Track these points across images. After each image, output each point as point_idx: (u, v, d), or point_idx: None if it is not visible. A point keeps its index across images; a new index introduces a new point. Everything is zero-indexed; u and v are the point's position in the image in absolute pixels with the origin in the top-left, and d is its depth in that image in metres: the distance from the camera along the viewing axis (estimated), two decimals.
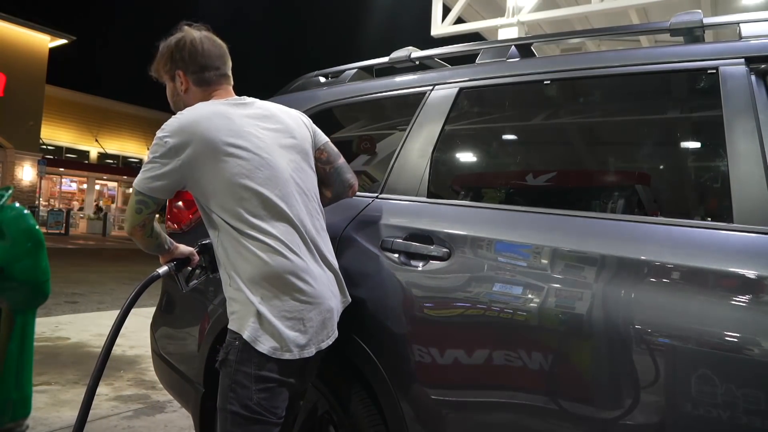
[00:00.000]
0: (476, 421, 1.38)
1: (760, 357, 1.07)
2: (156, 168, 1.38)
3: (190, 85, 1.54)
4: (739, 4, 6.43)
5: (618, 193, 1.58)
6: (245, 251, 1.35)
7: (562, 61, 1.64)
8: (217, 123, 1.39)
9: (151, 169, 1.38)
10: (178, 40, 1.53)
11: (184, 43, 1.52)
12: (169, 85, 1.57)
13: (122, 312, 1.53)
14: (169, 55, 1.53)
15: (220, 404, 1.35)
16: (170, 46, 1.53)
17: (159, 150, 1.37)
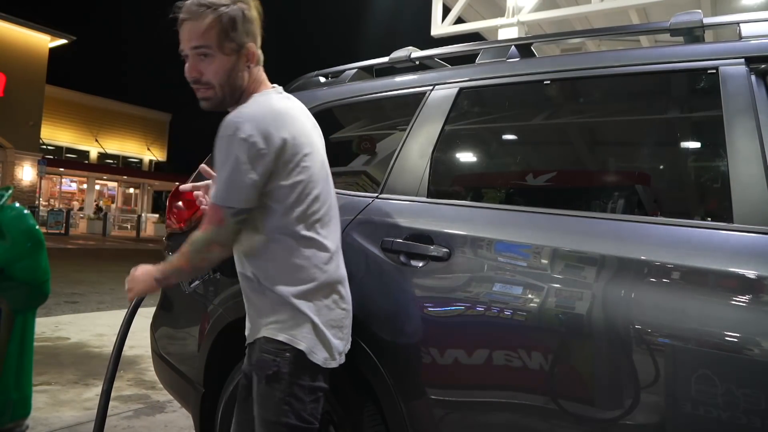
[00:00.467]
0: (476, 421, 1.38)
1: (760, 357, 1.07)
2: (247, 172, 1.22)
3: (254, 64, 1.35)
4: (739, 4, 6.43)
5: (618, 193, 1.58)
6: (302, 261, 1.30)
7: (562, 61, 1.64)
8: (297, 123, 1.31)
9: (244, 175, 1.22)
10: (244, 8, 1.31)
11: (251, 12, 1.33)
12: (223, 60, 1.29)
13: (128, 315, 1.54)
14: (242, 23, 1.30)
15: (272, 417, 1.28)
16: (237, 12, 1.29)
17: (249, 152, 1.21)
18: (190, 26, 1.28)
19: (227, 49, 1.29)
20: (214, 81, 1.30)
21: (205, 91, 1.31)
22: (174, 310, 2.20)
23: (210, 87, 1.30)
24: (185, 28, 1.30)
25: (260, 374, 1.30)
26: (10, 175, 21.42)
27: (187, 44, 1.30)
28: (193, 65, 1.30)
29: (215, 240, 1.28)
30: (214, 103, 1.32)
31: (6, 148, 21.43)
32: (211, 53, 1.28)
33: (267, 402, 1.29)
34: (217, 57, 1.29)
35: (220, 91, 1.31)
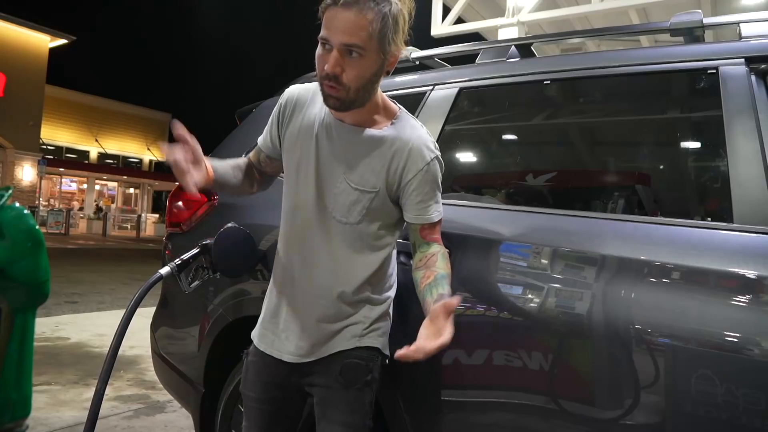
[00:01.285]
0: (476, 421, 1.38)
1: (760, 357, 1.07)
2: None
3: (392, 70, 1.26)
4: (739, 4, 6.43)
5: (618, 193, 1.58)
6: (393, 266, 1.39)
7: (562, 61, 1.64)
8: None
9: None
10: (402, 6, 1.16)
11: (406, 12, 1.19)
12: (371, 62, 1.15)
13: (126, 315, 1.53)
14: (402, 24, 1.17)
15: (359, 421, 1.29)
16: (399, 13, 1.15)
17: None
18: (349, 17, 1.10)
19: (380, 52, 1.15)
20: (353, 84, 1.15)
21: (337, 90, 1.15)
22: (174, 310, 2.20)
23: (345, 89, 1.15)
24: (341, 16, 1.10)
25: (353, 381, 1.29)
26: (10, 175, 21.43)
27: (339, 36, 1.11)
28: (338, 61, 1.13)
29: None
30: (343, 103, 1.18)
31: (6, 148, 21.43)
32: (363, 54, 1.13)
33: (356, 406, 1.29)
34: (367, 58, 1.14)
35: (354, 95, 1.17)
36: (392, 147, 1.24)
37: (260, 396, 1.37)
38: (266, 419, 1.38)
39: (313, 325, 1.31)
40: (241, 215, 1.76)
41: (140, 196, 32.48)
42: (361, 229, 1.27)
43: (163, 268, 1.61)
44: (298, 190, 1.30)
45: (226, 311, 1.83)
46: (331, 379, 1.29)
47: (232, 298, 1.82)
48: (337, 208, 1.26)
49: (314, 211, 1.28)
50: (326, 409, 1.31)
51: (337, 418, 1.28)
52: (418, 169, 1.23)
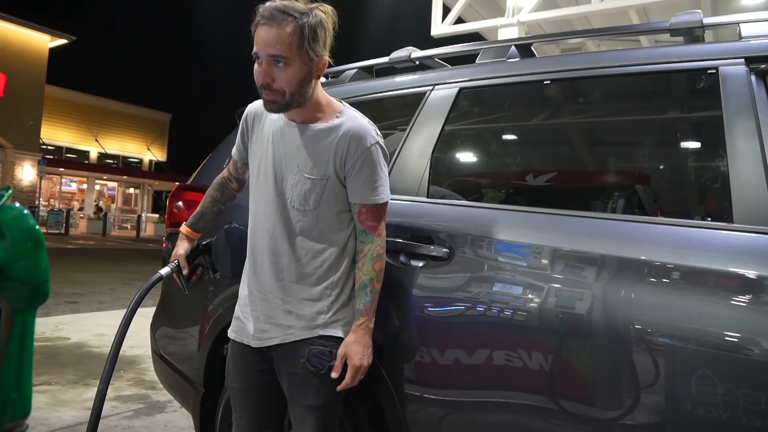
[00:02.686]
0: (476, 421, 1.38)
1: (760, 357, 1.07)
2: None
3: (322, 74, 1.39)
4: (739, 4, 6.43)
5: (618, 193, 1.58)
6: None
7: (562, 61, 1.64)
8: None
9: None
10: (323, 17, 1.33)
11: (328, 21, 1.35)
12: (298, 69, 1.30)
13: (127, 315, 1.54)
14: (322, 33, 1.32)
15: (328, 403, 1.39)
16: (317, 22, 1.31)
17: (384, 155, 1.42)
18: (270, 32, 1.27)
19: (303, 59, 1.30)
20: (286, 88, 1.31)
21: (273, 95, 1.32)
22: (174, 310, 2.20)
23: (280, 93, 1.32)
24: (264, 32, 1.28)
25: (318, 367, 1.38)
26: (10, 175, 21.43)
27: (263, 49, 1.29)
28: (267, 70, 1.30)
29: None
30: (280, 106, 1.35)
31: (6, 148, 21.43)
32: (288, 62, 1.29)
33: (324, 392, 1.38)
34: (293, 65, 1.29)
35: (289, 98, 1.33)
36: (337, 137, 1.38)
37: (243, 385, 1.49)
38: (253, 407, 1.49)
39: (277, 309, 1.43)
40: (241, 215, 1.76)
41: (140, 196, 32.49)
42: (318, 214, 1.40)
43: (163, 268, 1.62)
44: (260, 185, 1.46)
45: (226, 311, 1.83)
46: (297, 366, 1.39)
47: (232, 298, 1.82)
48: (295, 197, 1.40)
49: (275, 204, 1.42)
50: (294, 393, 1.41)
51: (305, 402, 1.39)
52: (359, 154, 1.37)
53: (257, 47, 1.30)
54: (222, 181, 1.69)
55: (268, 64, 1.30)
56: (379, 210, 1.42)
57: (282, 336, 1.41)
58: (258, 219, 1.47)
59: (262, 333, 1.43)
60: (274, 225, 1.42)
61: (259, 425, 1.50)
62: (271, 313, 1.43)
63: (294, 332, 1.40)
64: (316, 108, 1.41)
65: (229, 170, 1.68)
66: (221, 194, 1.69)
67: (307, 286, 1.41)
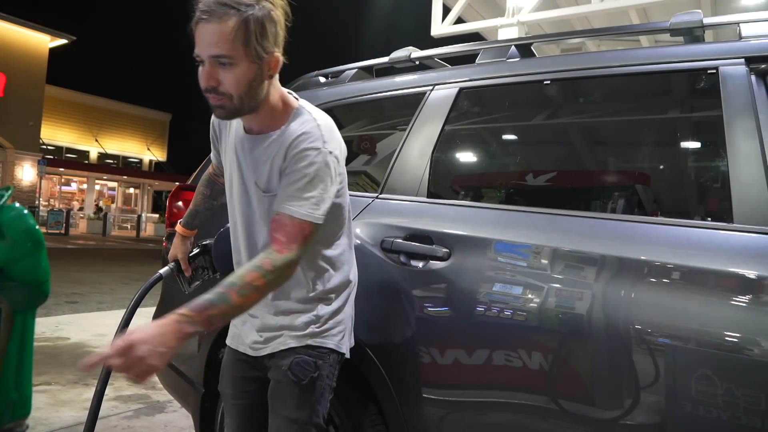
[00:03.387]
0: (476, 421, 1.38)
1: (760, 357, 1.07)
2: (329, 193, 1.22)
3: (275, 72, 1.23)
4: (739, 4, 6.43)
5: (618, 193, 1.58)
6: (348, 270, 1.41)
7: (562, 61, 1.64)
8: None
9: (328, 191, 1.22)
10: (272, 9, 1.17)
11: (277, 13, 1.19)
12: (245, 68, 1.16)
13: (127, 315, 1.53)
14: (271, 27, 1.17)
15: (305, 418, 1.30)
16: (265, 15, 1.15)
17: (333, 172, 1.22)
18: (210, 29, 1.12)
19: (251, 57, 1.15)
20: (233, 92, 1.17)
21: (220, 100, 1.18)
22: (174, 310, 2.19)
23: (227, 97, 1.18)
24: (204, 30, 1.13)
25: (300, 377, 1.30)
26: (10, 175, 21.43)
27: (205, 49, 1.14)
28: (210, 73, 1.15)
29: (299, 260, 1.19)
30: (229, 112, 1.21)
31: (6, 148, 21.43)
32: (233, 62, 1.14)
33: (303, 404, 1.30)
34: (239, 65, 1.14)
35: (239, 102, 1.18)
36: (282, 147, 1.24)
37: (234, 392, 1.44)
38: (243, 414, 1.44)
39: (267, 319, 1.36)
40: None
41: (140, 196, 32.48)
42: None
43: (163, 268, 1.62)
44: (232, 198, 1.37)
45: None
46: (280, 374, 1.32)
47: None
48: (261, 214, 1.30)
49: (247, 219, 1.34)
50: (274, 402, 1.34)
51: (283, 413, 1.31)
52: (291, 157, 1.21)
53: (197, 47, 1.14)
54: (209, 177, 1.62)
55: (211, 66, 1.15)
56: (295, 225, 1.18)
57: (273, 345, 1.35)
58: (235, 233, 1.38)
59: (254, 344, 1.38)
60: (249, 241, 1.35)
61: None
62: (263, 322, 1.36)
63: (284, 340, 1.34)
64: (272, 113, 1.26)
65: (213, 167, 1.61)
66: (210, 190, 1.62)
67: (290, 300, 1.33)
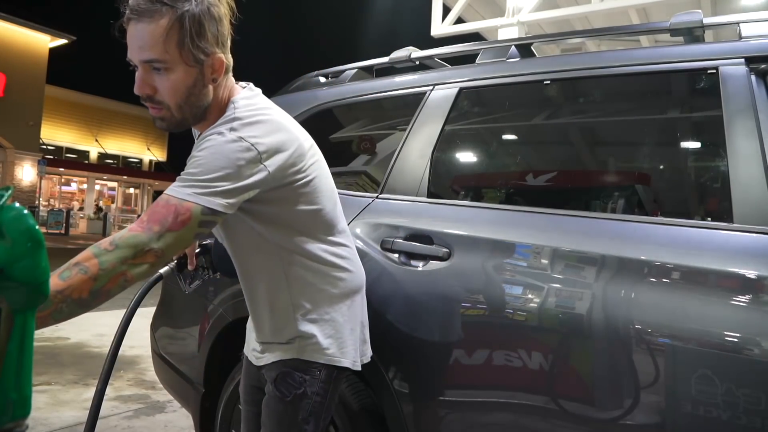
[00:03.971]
0: (476, 421, 1.38)
1: (760, 357, 1.07)
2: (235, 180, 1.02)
3: (220, 76, 1.10)
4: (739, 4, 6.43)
5: (618, 193, 1.57)
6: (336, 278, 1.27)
7: (562, 61, 1.64)
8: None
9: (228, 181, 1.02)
10: (212, 3, 1.04)
11: (219, 9, 1.06)
12: (183, 73, 1.04)
13: (127, 315, 1.53)
14: (211, 25, 1.04)
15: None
16: (203, 11, 1.02)
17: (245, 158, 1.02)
18: (140, 29, 1.00)
19: (189, 60, 1.02)
20: (170, 101, 1.05)
21: (159, 110, 1.06)
22: (174, 310, 2.20)
23: (165, 107, 1.06)
24: (133, 31, 1.01)
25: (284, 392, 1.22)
26: (10, 175, 21.41)
27: (136, 53, 1.01)
28: (144, 80, 1.03)
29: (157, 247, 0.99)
30: (170, 123, 1.08)
31: (6, 148, 21.42)
32: (168, 66, 1.01)
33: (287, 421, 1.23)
34: (175, 70, 1.02)
35: (179, 112, 1.06)
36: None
37: (245, 398, 1.44)
38: (252, 420, 1.42)
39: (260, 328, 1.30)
40: None
41: (140, 196, 32.47)
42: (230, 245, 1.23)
43: (163, 268, 1.61)
44: None
45: (226, 311, 1.83)
46: (269, 388, 1.26)
47: (232, 298, 1.82)
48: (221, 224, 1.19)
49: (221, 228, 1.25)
50: (263, 415, 1.28)
51: (268, 427, 1.25)
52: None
53: (129, 51, 1.02)
54: None
55: (145, 72, 1.02)
56: (166, 207, 0.98)
57: (267, 357, 1.30)
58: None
59: (254, 351, 1.35)
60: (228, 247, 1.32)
61: None
62: (259, 331, 1.32)
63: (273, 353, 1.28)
64: (218, 116, 1.11)
65: None
66: None
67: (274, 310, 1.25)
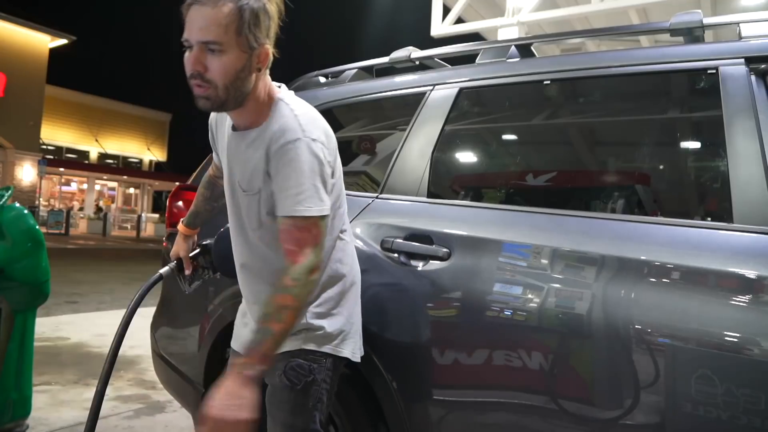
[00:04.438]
0: (476, 421, 1.38)
1: (760, 357, 1.07)
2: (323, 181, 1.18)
3: (265, 67, 1.21)
4: (739, 4, 6.43)
5: (618, 193, 1.58)
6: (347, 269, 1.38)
7: (562, 61, 1.64)
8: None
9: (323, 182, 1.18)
10: (267, 3, 1.16)
11: (272, 6, 1.18)
12: (235, 57, 1.13)
13: (127, 315, 1.53)
14: (264, 19, 1.16)
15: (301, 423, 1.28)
16: (260, 6, 1.14)
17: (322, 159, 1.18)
18: (204, 13, 1.10)
19: (242, 47, 1.13)
20: (219, 81, 1.13)
21: (205, 89, 1.14)
22: (174, 310, 2.20)
23: (212, 86, 1.14)
24: (196, 14, 1.11)
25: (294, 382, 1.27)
26: (10, 175, 21.42)
27: (195, 34, 1.11)
28: (198, 58, 1.12)
29: (319, 261, 1.16)
30: (214, 103, 1.16)
31: (6, 148, 21.42)
32: (223, 49, 1.11)
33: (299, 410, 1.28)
34: (229, 53, 1.12)
35: (224, 93, 1.15)
36: (262, 145, 1.21)
37: None
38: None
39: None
40: None
41: (140, 196, 32.48)
42: (264, 236, 1.28)
43: (163, 268, 1.62)
44: (228, 197, 1.37)
45: (226, 311, 1.83)
46: (275, 378, 1.30)
47: (232, 298, 1.82)
48: (245, 213, 1.30)
49: (237, 220, 1.34)
50: (270, 407, 1.32)
51: (279, 418, 1.30)
52: (278, 154, 1.17)
53: (187, 32, 1.11)
54: (209, 179, 1.62)
55: (200, 51, 1.12)
56: (299, 227, 1.14)
57: None
58: (233, 232, 1.38)
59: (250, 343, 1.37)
60: (241, 241, 1.35)
61: None
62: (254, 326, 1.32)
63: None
64: (258, 109, 1.23)
65: (214, 167, 1.58)
66: (211, 192, 1.62)
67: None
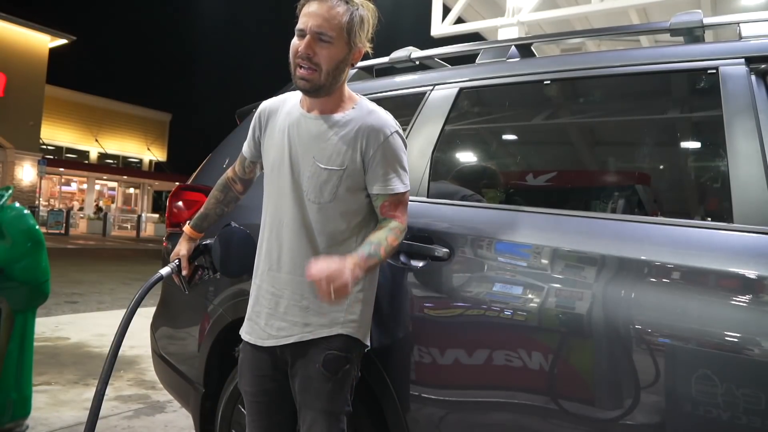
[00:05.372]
0: (477, 421, 1.38)
1: (760, 357, 1.07)
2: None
3: (356, 63, 1.43)
4: (739, 4, 6.43)
5: (618, 193, 1.58)
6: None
7: (562, 61, 1.64)
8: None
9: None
10: (368, 13, 1.39)
11: (372, 21, 1.41)
12: (339, 50, 1.34)
13: (127, 315, 1.54)
14: (366, 25, 1.38)
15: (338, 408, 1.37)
16: (366, 15, 1.38)
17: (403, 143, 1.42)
18: (325, 8, 1.31)
19: (347, 42, 1.34)
20: (324, 65, 1.32)
21: (311, 72, 1.32)
22: (174, 310, 2.20)
23: (317, 70, 1.32)
24: (318, 8, 1.31)
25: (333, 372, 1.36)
26: (10, 175, 21.42)
27: (313, 22, 1.30)
28: (310, 44, 1.31)
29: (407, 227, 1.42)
30: (313, 85, 1.33)
31: (6, 148, 21.42)
32: (332, 41, 1.31)
33: (336, 396, 1.37)
34: (336, 45, 1.32)
35: (324, 78, 1.33)
36: (354, 128, 1.37)
37: (254, 389, 1.46)
38: (263, 411, 1.46)
39: (294, 307, 1.39)
40: (241, 215, 1.76)
41: (140, 196, 32.48)
42: (335, 207, 1.38)
43: (163, 268, 1.62)
44: (274, 179, 1.45)
45: (226, 311, 1.83)
46: (311, 369, 1.37)
47: (232, 298, 1.82)
48: (311, 189, 1.38)
49: (292, 197, 1.40)
50: (305, 397, 1.38)
51: (317, 406, 1.37)
52: (379, 143, 1.36)
53: (305, 21, 1.31)
54: (226, 182, 1.66)
55: (313, 39, 1.31)
56: (400, 199, 1.40)
57: (300, 334, 1.37)
58: (274, 213, 1.44)
59: (279, 331, 1.39)
60: (291, 219, 1.40)
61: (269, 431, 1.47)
62: (287, 310, 1.39)
63: (313, 329, 1.37)
64: (339, 99, 1.41)
65: (234, 171, 1.64)
66: (224, 196, 1.66)
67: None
